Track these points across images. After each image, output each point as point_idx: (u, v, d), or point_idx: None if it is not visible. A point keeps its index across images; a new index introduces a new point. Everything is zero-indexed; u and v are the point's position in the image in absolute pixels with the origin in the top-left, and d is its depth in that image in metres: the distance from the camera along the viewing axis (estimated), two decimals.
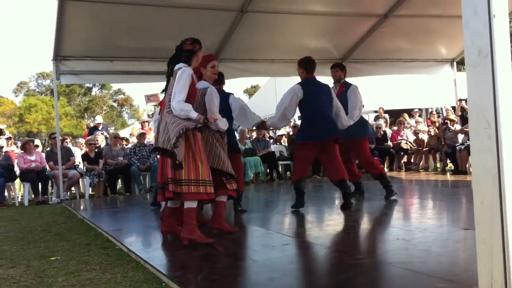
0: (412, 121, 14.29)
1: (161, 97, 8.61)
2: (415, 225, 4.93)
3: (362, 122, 6.82)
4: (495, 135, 1.87)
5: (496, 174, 1.86)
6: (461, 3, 2.02)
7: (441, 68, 12.05)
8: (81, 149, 11.79)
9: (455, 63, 12.08)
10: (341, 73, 6.89)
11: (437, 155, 12.09)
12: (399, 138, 12.86)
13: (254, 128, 7.24)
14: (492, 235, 1.87)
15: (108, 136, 12.04)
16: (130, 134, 13.75)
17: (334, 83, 6.88)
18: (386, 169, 11.90)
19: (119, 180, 10.92)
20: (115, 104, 53.77)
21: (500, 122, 1.86)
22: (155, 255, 4.18)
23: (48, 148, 11.33)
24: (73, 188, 10.65)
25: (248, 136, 12.72)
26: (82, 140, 13.19)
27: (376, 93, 14.38)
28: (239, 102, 5.92)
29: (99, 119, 13.74)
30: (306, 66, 6.11)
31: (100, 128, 12.73)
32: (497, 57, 1.85)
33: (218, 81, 5.73)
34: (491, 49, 1.85)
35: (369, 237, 4.62)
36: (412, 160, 12.68)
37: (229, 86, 7.04)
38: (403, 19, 10.01)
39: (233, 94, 5.95)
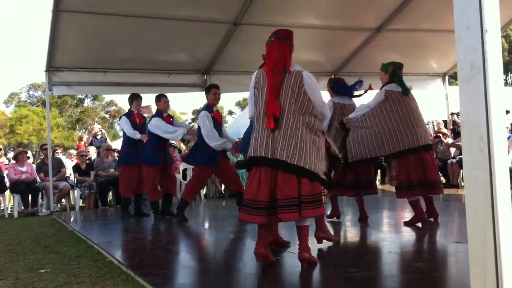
0: None
1: (154, 108, 8.63)
2: (407, 238, 4.93)
3: None
4: (488, 148, 1.88)
5: (489, 187, 1.87)
6: (453, 18, 2.04)
7: (433, 82, 12.13)
8: (72, 160, 11.71)
9: (446, 77, 12.17)
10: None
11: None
12: None
13: None
14: (485, 248, 1.87)
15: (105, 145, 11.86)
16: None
17: None
18: (377, 182, 11.91)
19: (110, 192, 10.85)
20: (107, 116, 53.64)
21: (492, 136, 1.87)
22: (145, 268, 4.14)
23: (39, 160, 11.25)
24: (63, 200, 10.55)
25: None
26: (73, 151, 13.10)
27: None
28: None
29: (97, 127, 13.63)
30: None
31: (98, 138, 12.64)
32: (490, 71, 1.87)
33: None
34: (483, 63, 1.87)
35: (361, 250, 4.61)
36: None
37: (221, 99, 7.14)
38: (396, 33, 10.09)
39: None
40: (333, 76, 11.06)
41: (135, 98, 7.82)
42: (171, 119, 7.46)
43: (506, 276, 1.85)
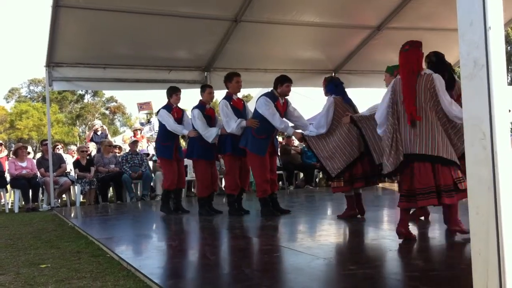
0: None
1: (154, 106, 8.55)
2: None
3: None
4: (491, 146, 1.87)
5: (492, 184, 1.87)
6: (453, 16, 2.04)
7: None
8: (73, 156, 11.72)
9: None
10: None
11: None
12: None
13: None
14: (488, 246, 1.87)
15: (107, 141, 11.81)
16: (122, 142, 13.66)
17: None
18: None
19: (111, 188, 10.86)
20: (107, 112, 53.60)
21: (495, 133, 1.87)
22: (146, 264, 4.14)
23: (39, 155, 11.25)
24: (64, 196, 10.57)
25: None
26: (73, 147, 13.11)
27: (369, 104, 14.41)
28: None
29: (98, 123, 13.60)
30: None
31: (99, 133, 12.62)
32: (493, 68, 1.86)
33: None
34: (486, 60, 1.87)
35: (361, 248, 4.61)
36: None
37: (221, 95, 7.21)
38: (396, 32, 10.07)
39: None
40: (333, 74, 11.08)
41: (174, 92, 7.49)
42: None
43: (509, 274, 1.85)
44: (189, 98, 9.86)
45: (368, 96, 14.07)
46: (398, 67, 5.69)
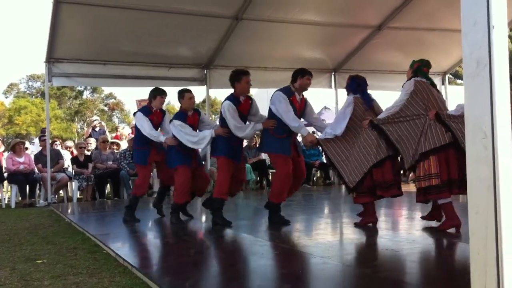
0: None
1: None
2: (404, 236, 4.92)
3: None
4: (492, 145, 1.86)
5: (492, 184, 1.86)
6: (454, 17, 2.03)
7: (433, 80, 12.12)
8: (70, 151, 11.70)
9: (447, 76, 12.17)
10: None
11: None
12: None
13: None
14: (487, 246, 1.86)
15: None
16: (115, 136, 13.54)
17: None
18: None
19: (108, 185, 10.84)
20: (106, 108, 53.53)
21: (496, 133, 1.86)
22: (143, 260, 4.13)
23: (36, 150, 11.22)
24: (61, 192, 10.55)
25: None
26: (70, 143, 13.08)
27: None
28: None
29: (95, 119, 13.59)
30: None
31: (97, 130, 12.59)
32: (496, 67, 1.85)
33: None
34: (489, 59, 1.85)
35: (357, 247, 4.60)
36: (401, 172, 12.64)
37: (220, 94, 6.98)
38: (396, 31, 10.09)
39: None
40: (333, 74, 11.08)
41: (159, 94, 6.54)
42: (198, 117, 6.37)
43: (507, 274, 1.84)
44: None
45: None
46: (419, 61, 5.56)
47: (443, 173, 4.72)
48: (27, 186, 9.74)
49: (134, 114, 6.84)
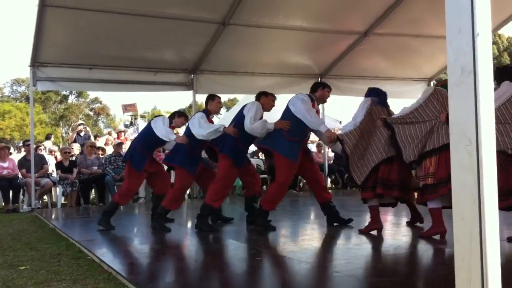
0: None
1: (139, 108, 8.41)
2: (389, 242, 4.94)
3: None
4: (476, 152, 1.88)
5: (476, 191, 1.87)
6: (439, 23, 2.05)
7: (418, 87, 12.21)
8: (53, 155, 11.60)
9: (432, 82, 12.26)
10: None
11: (413, 172, 12.13)
12: None
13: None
14: (471, 252, 1.87)
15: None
16: (105, 144, 13.53)
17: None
18: None
19: (93, 190, 10.75)
20: (91, 113, 53.18)
21: (481, 140, 1.87)
22: (127, 267, 4.09)
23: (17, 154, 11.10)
24: (45, 197, 10.44)
25: None
26: (54, 147, 12.99)
27: (354, 110, 14.49)
28: None
29: (81, 123, 13.52)
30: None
31: (82, 135, 12.50)
32: (480, 75, 1.86)
33: None
34: (474, 67, 1.87)
35: (343, 252, 4.61)
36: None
37: (204, 98, 6.88)
38: (382, 38, 10.15)
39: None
40: (320, 79, 11.11)
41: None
42: None
43: (491, 280, 1.85)
44: (174, 100, 9.80)
45: (354, 101, 14.23)
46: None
47: (443, 171, 4.62)
48: (11, 191, 9.62)
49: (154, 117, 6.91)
